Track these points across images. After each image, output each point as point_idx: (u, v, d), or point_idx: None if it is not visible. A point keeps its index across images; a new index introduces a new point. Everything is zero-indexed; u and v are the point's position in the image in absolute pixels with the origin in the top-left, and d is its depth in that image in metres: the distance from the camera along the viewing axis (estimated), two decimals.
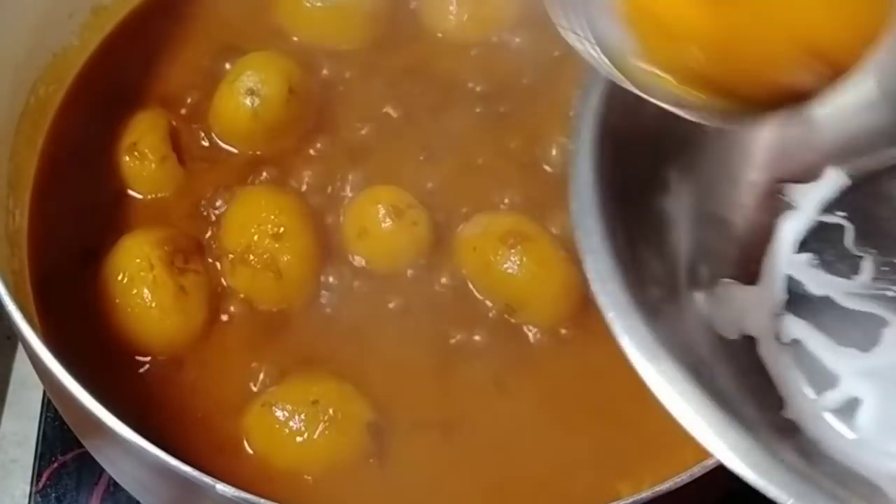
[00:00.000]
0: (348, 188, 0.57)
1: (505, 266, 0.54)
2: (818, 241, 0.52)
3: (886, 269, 0.50)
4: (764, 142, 0.53)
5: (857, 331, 0.49)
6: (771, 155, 0.53)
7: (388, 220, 0.55)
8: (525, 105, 0.60)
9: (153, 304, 0.53)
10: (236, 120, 0.58)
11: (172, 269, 0.54)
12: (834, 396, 0.48)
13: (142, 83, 0.61)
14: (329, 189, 0.57)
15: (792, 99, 0.41)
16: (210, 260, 0.56)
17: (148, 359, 0.53)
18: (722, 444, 0.40)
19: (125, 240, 0.55)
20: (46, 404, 0.62)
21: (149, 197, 0.58)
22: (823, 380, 0.48)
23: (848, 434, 0.47)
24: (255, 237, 0.54)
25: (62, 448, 0.61)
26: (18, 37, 0.58)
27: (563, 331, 0.54)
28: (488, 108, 0.60)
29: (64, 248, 0.56)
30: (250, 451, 0.52)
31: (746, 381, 0.48)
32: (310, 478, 0.51)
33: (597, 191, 0.46)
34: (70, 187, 0.58)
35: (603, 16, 0.40)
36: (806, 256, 0.51)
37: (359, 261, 0.56)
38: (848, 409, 0.47)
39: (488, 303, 0.55)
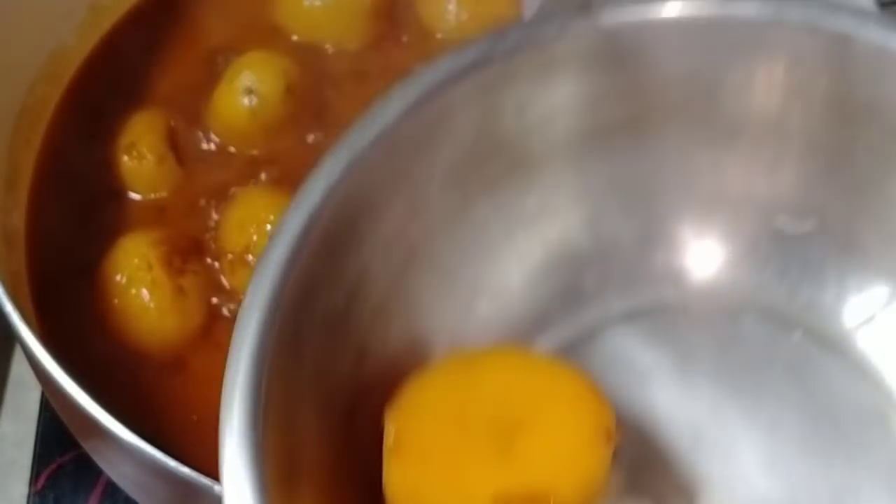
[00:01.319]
0: None
1: None
2: None
3: None
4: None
5: None
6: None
7: None
8: None
9: (152, 305, 0.53)
10: (234, 119, 0.58)
11: (171, 269, 0.54)
12: None
13: (140, 82, 0.61)
14: None
15: None
16: (209, 260, 0.56)
17: (146, 359, 0.53)
18: None
19: (123, 240, 0.55)
20: (44, 405, 0.62)
21: (147, 197, 0.57)
22: None
23: None
24: (255, 237, 0.54)
25: (60, 449, 0.61)
26: (15, 35, 0.58)
27: None
28: None
29: (62, 249, 0.56)
30: None
31: None
32: None
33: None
34: (68, 187, 0.58)
35: None
36: None
37: None
38: None
39: None
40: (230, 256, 0.55)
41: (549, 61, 0.45)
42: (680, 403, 0.46)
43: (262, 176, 0.58)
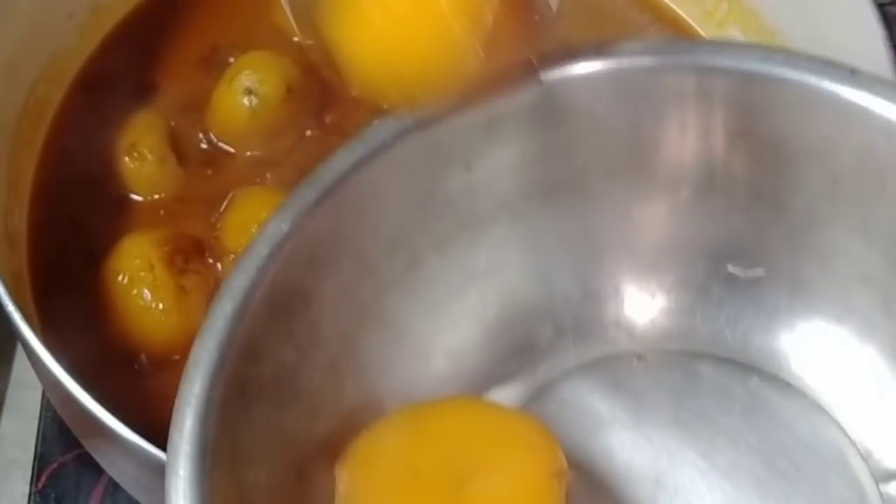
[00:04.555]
0: None
1: None
2: None
3: None
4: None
5: None
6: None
7: None
8: None
9: (153, 305, 0.53)
10: (234, 119, 0.58)
11: (173, 269, 0.54)
12: None
13: (141, 83, 0.61)
14: None
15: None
16: (210, 260, 0.56)
17: (148, 359, 0.54)
18: None
19: (125, 240, 0.55)
20: (46, 405, 0.62)
21: (148, 198, 0.58)
22: None
23: None
24: None
25: (61, 448, 0.61)
26: (17, 36, 0.58)
27: None
28: None
29: (63, 249, 0.56)
30: None
31: None
32: None
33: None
34: (69, 188, 0.58)
35: None
36: None
37: None
38: None
39: None
40: (232, 256, 0.55)
41: (493, 119, 0.45)
42: (638, 452, 0.46)
43: (263, 176, 0.58)
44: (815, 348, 0.48)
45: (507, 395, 0.48)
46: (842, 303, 0.47)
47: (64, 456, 0.61)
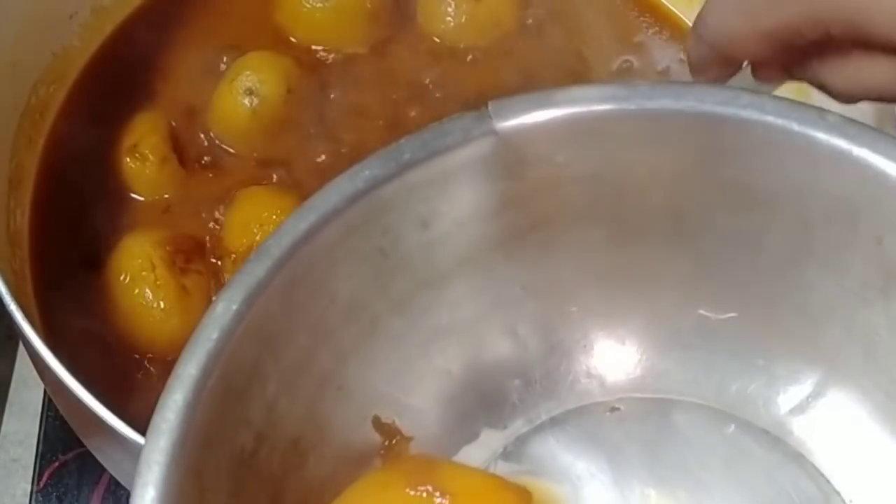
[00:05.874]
0: None
1: None
2: None
3: None
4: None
5: None
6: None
7: None
8: None
9: (155, 304, 0.54)
10: (235, 120, 0.58)
11: (174, 269, 0.54)
12: None
13: (142, 84, 0.61)
14: None
15: None
16: (212, 260, 0.56)
17: (149, 358, 0.54)
18: None
19: (127, 240, 0.55)
20: (47, 404, 0.62)
21: (150, 198, 0.58)
22: None
23: None
24: (257, 237, 0.55)
25: (63, 447, 0.61)
26: (19, 36, 0.58)
27: None
28: None
29: (65, 248, 0.56)
30: None
31: None
32: None
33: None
34: (71, 188, 0.58)
35: None
36: None
37: None
38: None
39: None
40: (233, 256, 0.55)
41: (448, 172, 0.43)
42: None
43: (264, 176, 0.58)
44: (794, 394, 0.46)
45: (477, 454, 0.46)
46: (818, 346, 0.45)
47: (65, 455, 0.61)
